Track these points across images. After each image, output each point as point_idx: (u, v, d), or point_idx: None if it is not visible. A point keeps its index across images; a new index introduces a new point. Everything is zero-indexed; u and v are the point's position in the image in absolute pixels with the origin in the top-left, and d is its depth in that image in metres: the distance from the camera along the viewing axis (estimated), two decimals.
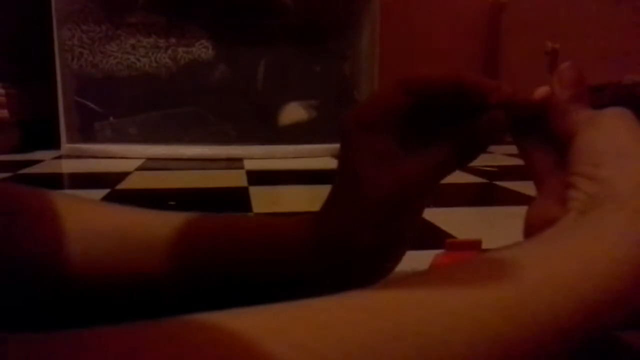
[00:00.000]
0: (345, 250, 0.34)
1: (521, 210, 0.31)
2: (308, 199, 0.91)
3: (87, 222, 0.35)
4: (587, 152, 0.27)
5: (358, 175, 0.33)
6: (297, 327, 0.18)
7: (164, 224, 0.36)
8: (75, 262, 0.33)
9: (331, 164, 1.26)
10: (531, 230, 0.28)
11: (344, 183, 0.35)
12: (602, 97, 0.32)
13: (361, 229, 0.33)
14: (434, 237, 0.62)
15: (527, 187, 0.33)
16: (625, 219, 0.24)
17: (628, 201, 0.24)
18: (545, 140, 0.32)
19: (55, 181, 1.07)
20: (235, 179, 1.05)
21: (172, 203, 0.81)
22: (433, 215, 0.70)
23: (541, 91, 0.31)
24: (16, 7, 1.48)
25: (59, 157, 1.32)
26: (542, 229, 0.26)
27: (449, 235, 0.61)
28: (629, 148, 0.25)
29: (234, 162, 1.24)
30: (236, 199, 0.87)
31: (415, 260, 0.52)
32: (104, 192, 0.89)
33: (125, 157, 1.30)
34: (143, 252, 0.34)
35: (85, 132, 1.36)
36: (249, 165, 1.21)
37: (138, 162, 1.23)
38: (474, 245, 0.51)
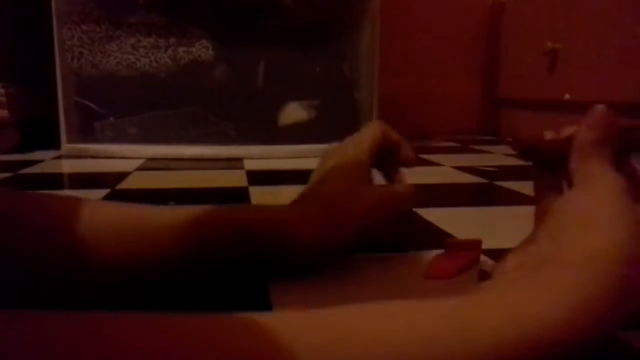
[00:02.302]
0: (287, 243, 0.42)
1: (521, 210, 0.32)
2: None
3: (96, 213, 0.38)
4: (559, 213, 0.28)
5: (332, 189, 0.46)
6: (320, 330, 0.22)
7: (169, 213, 0.41)
8: (87, 249, 0.36)
9: None
10: (500, 275, 0.29)
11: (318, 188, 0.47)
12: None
13: (303, 226, 0.43)
14: (434, 237, 0.62)
15: (527, 187, 0.33)
16: (566, 280, 0.24)
17: (571, 268, 0.25)
18: (559, 179, 0.33)
19: (55, 181, 1.07)
20: (235, 179, 1.05)
21: (172, 203, 0.81)
22: (433, 215, 0.70)
23: (568, 130, 0.32)
24: (16, 7, 1.48)
25: (59, 157, 1.32)
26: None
27: (449, 235, 0.61)
28: (595, 222, 0.26)
29: (234, 162, 1.24)
30: (236, 199, 0.87)
31: (415, 260, 0.52)
32: (104, 192, 0.89)
33: (125, 157, 1.30)
34: (149, 239, 0.38)
35: (85, 132, 1.36)
36: (249, 165, 1.21)
37: (138, 162, 1.23)
38: (474, 245, 0.51)
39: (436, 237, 0.61)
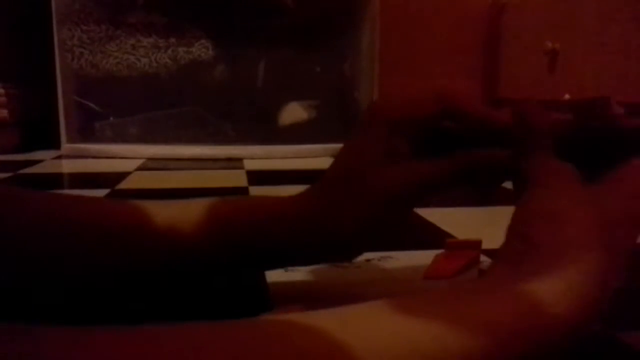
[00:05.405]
0: (322, 233, 0.37)
1: None
2: None
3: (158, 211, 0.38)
4: (523, 211, 0.28)
5: (362, 167, 0.36)
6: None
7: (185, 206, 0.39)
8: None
9: None
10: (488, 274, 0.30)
11: (343, 169, 0.37)
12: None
13: (343, 218, 0.36)
14: (434, 237, 0.62)
15: None
16: (548, 271, 0.25)
17: (549, 265, 0.26)
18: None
19: (55, 181, 1.07)
20: (235, 179, 1.05)
21: None
22: (433, 215, 0.70)
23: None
24: (16, 7, 1.48)
25: (59, 157, 1.32)
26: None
27: (449, 235, 0.61)
28: (558, 214, 0.27)
29: (233, 162, 1.24)
30: None
31: (415, 260, 0.52)
32: (104, 192, 0.89)
33: (125, 157, 1.30)
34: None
35: (85, 132, 1.36)
36: (249, 165, 1.21)
37: (138, 162, 1.23)
38: (474, 245, 0.51)
39: (436, 237, 0.62)
